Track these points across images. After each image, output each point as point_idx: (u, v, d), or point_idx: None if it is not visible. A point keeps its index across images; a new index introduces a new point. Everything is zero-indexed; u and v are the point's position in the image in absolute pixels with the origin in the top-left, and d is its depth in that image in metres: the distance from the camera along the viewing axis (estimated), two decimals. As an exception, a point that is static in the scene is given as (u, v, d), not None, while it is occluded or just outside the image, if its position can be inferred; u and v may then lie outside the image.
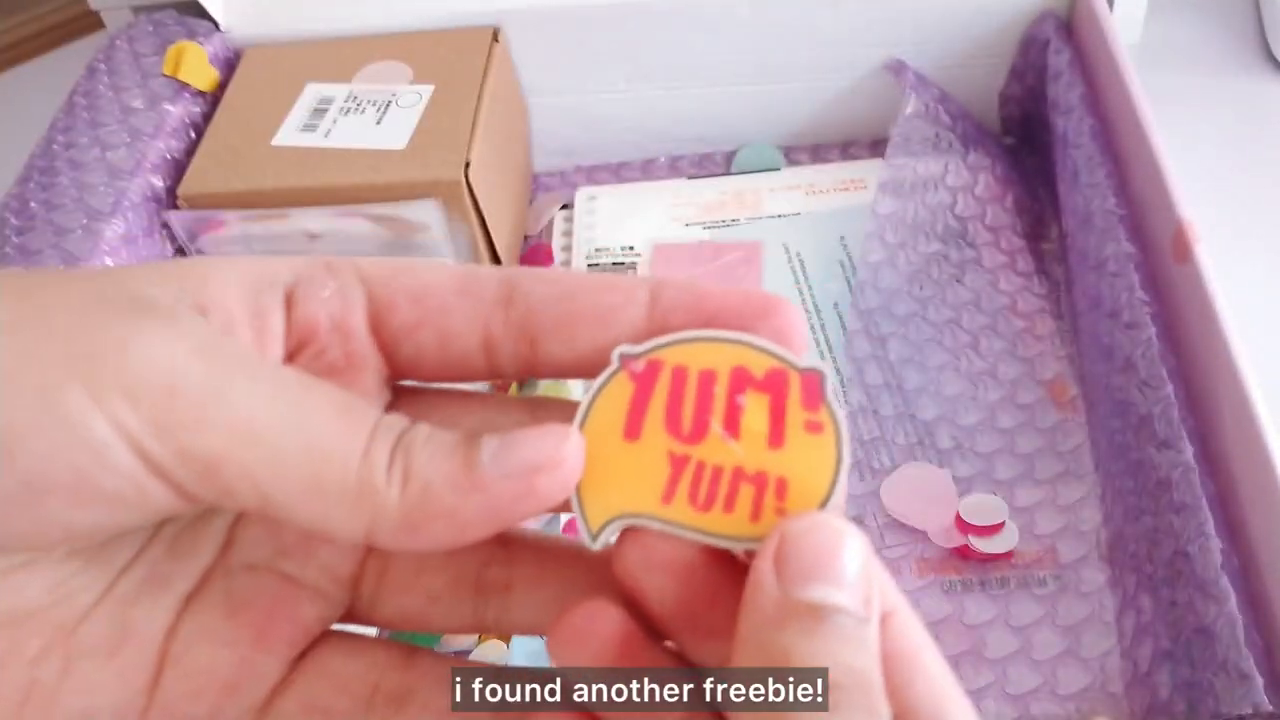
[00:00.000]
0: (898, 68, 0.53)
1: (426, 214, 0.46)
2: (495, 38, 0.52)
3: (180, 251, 0.49)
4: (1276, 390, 0.35)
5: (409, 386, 0.21)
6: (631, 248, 0.52)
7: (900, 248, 0.50)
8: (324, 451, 0.16)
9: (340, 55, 0.52)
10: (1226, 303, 0.37)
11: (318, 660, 0.19)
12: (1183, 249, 0.39)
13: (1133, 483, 0.38)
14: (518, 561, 0.20)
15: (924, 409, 0.45)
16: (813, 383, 0.19)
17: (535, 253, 0.54)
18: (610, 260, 0.52)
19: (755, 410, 0.18)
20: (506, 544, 0.20)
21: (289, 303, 0.19)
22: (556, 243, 0.54)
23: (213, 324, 0.17)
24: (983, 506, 0.42)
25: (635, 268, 0.51)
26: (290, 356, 0.19)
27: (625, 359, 0.19)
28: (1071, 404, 0.45)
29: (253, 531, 0.19)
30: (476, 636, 0.40)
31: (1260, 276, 0.48)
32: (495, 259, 0.50)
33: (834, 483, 0.18)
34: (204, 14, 0.54)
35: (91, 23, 0.66)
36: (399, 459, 0.17)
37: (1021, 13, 0.52)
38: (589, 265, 0.52)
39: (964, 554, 0.41)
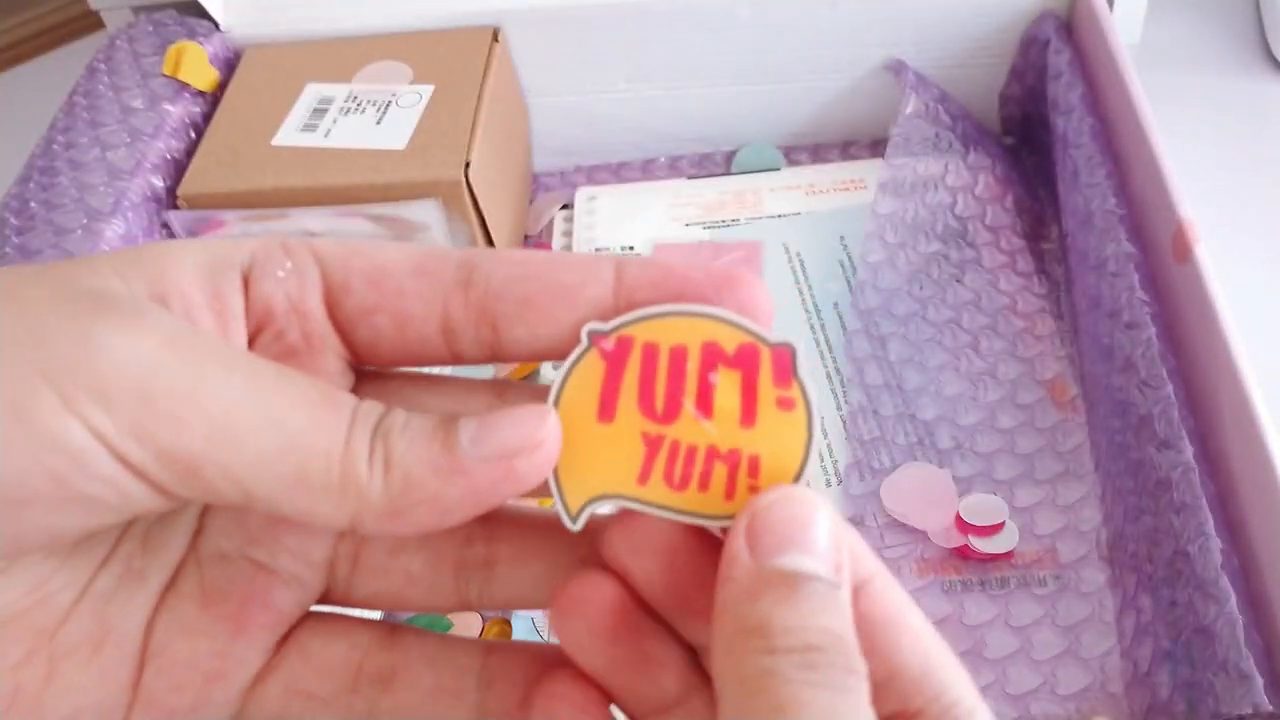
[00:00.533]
0: (898, 68, 0.53)
1: (426, 214, 0.46)
2: (495, 38, 0.52)
3: (180, 251, 0.49)
4: (1276, 390, 0.35)
5: (371, 371, 0.20)
6: (631, 248, 0.52)
7: (900, 248, 0.50)
8: (305, 446, 0.16)
9: (340, 55, 0.52)
10: (1226, 303, 0.37)
11: (298, 644, 0.19)
12: (1183, 249, 0.39)
13: (1133, 483, 0.38)
14: (499, 538, 0.20)
15: (924, 409, 0.45)
16: (784, 358, 0.19)
17: (535, 253, 0.54)
18: (610, 260, 0.52)
19: (727, 388, 0.19)
20: (487, 520, 0.20)
21: (246, 284, 0.18)
22: (556, 243, 0.54)
23: (175, 312, 0.17)
24: (983, 506, 0.42)
25: (635, 268, 0.51)
26: (251, 339, 0.19)
27: (595, 336, 0.19)
28: (1071, 404, 0.45)
29: (220, 520, 0.19)
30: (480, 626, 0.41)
31: (1260, 276, 0.48)
32: (495, 259, 0.50)
33: (805, 459, 0.18)
34: (204, 14, 0.54)
35: (91, 23, 0.66)
36: (379, 447, 0.17)
37: (1021, 13, 0.52)
38: (589, 265, 0.52)
39: (964, 554, 0.41)
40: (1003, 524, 0.41)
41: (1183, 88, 0.56)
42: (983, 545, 0.41)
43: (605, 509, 0.19)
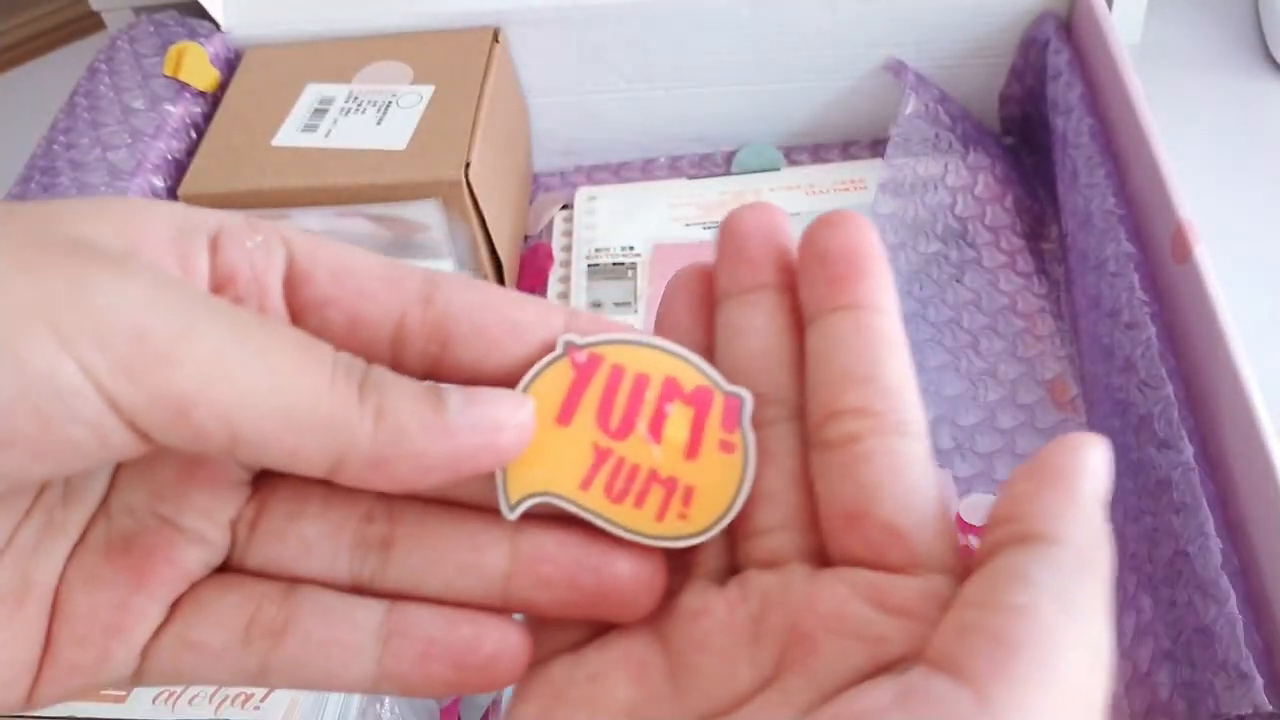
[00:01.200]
0: (898, 68, 0.53)
1: (426, 214, 0.46)
2: (495, 38, 0.52)
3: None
4: (1276, 390, 0.35)
5: None
6: (631, 248, 0.52)
7: (900, 248, 0.50)
8: (293, 384, 0.16)
9: (340, 55, 0.52)
10: (1226, 303, 0.37)
11: (194, 598, 0.19)
12: (1182, 249, 0.39)
13: (1132, 483, 0.38)
14: (400, 520, 0.20)
15: (924, 409, 0.45)
16: (733, 406, 0.20)
17: (535, 253, 0.54)
18: (610, 260, 0.52)
19: (678, 421, 0.20)
20: (391, 501, 0.20)
21: (213, 249, 0.19)
22: (556, 243, 0.54)
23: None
24: (983, 507, 0.42)
25: (635, 268, 0.51)
26: None
27: (570, 347, 0.20)
28: (1072, 404, 0.45)
29: (130, 474, 0.19)
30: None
31: (1260, 276, 0.48)
32: (495, 259, 0.50)
33: (734, 499, 0.20)
34: (205, 14, 0.54)
35: (92, 23, 0.66)
36: (372, 395, 0.17)
37: (1021, 13, 0.52)
38: (589, 265, 0.52)
39: (965, 554, 0.41)
40: None
41: (1182, 88, 0.56)
42: None
43: (540, 503, 0.20)
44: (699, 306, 0.22)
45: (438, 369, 0.19)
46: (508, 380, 0.20)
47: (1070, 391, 0.45)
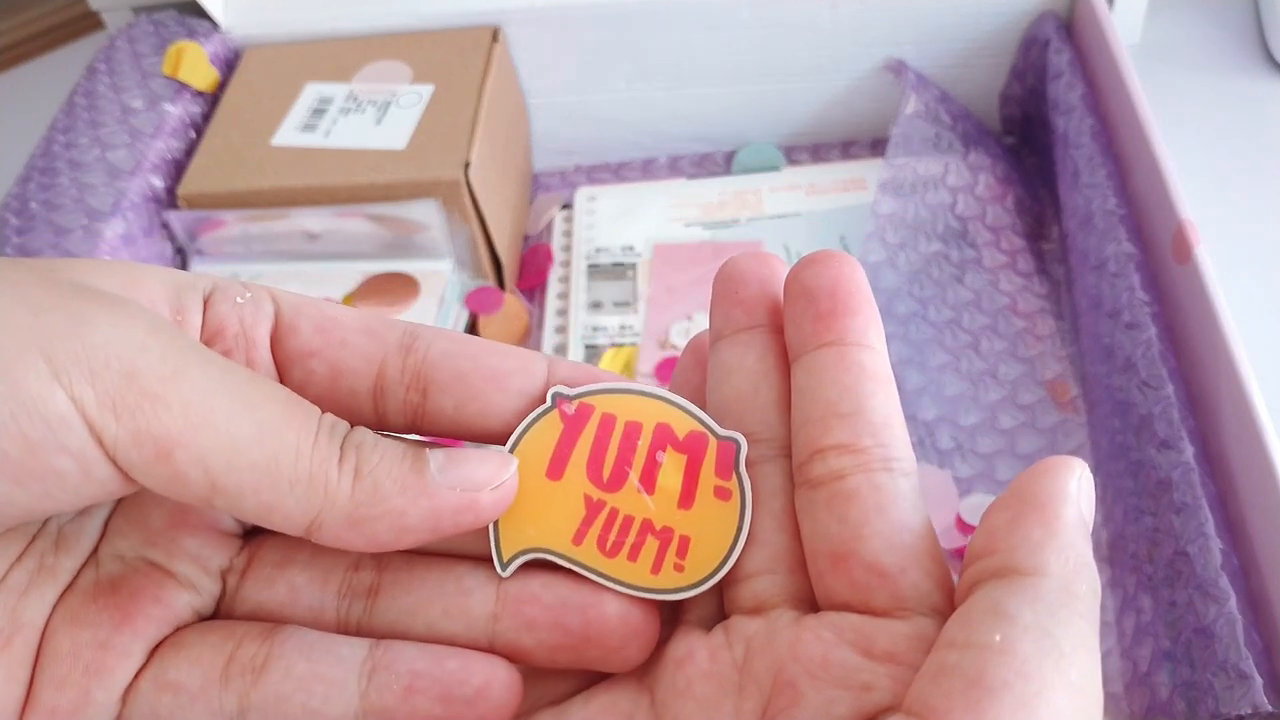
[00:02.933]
0: (898, 67, 0.53)
1: (426, 214, 0.46)
2: (495, 38, 0.52)
3: (180, 251, 0.49)
4: (1276, 391, 0.35)
5: None
6: (632, 248, 0.52)
7: (900, 248, 0.50)
8: (277, 438, 0.17)
9: (340, 55, 0.52)
10: (1227, 304, 0.37)
11: (175, 640, 0.19)
12: (1183, 249, 0.39)
13: (1133, 483, 0.38)
14: (387, 566, 0.20)
15: (924, 409, 0.45)
16: (728, 451, 0.20)
17: (535, 253, 0.54)
18: (610, 260, 0.52)
19: (671, 469, 0.20)
20: (378, 554, 0.20)
21: (205, 306, 0.19)
22: (556, 243, 0.54)
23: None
24: (983, 508, 0.42)
25: (635, 268, 0.51)
26: None
27: (559, 399, 0.20)
28: (1072, 404, 0.45)
29: (121, 522, 0.19)
30: None
31: (1260, 277, 0.48)
32: (495, 259, 0.50)
33: (731, 549, 0.19)
34: (204, 14, 0.54)
35: (91, 23, 0.66)
36: (350, 456, 0.17)
37: (1022, 13, 0.52)
38: (589, 265, 0.52)
39: (961, 555, 0.41)
40: None
41: (1183, 88, 0.56)
42: None
43: (534, 559, 0.20)
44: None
45: (420, 418, 0.20)
46: (490, 427, 0.20)
47: (1070, 391, 0.45)
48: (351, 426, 0.18)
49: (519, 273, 0.53)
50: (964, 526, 0.41)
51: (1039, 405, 0.45)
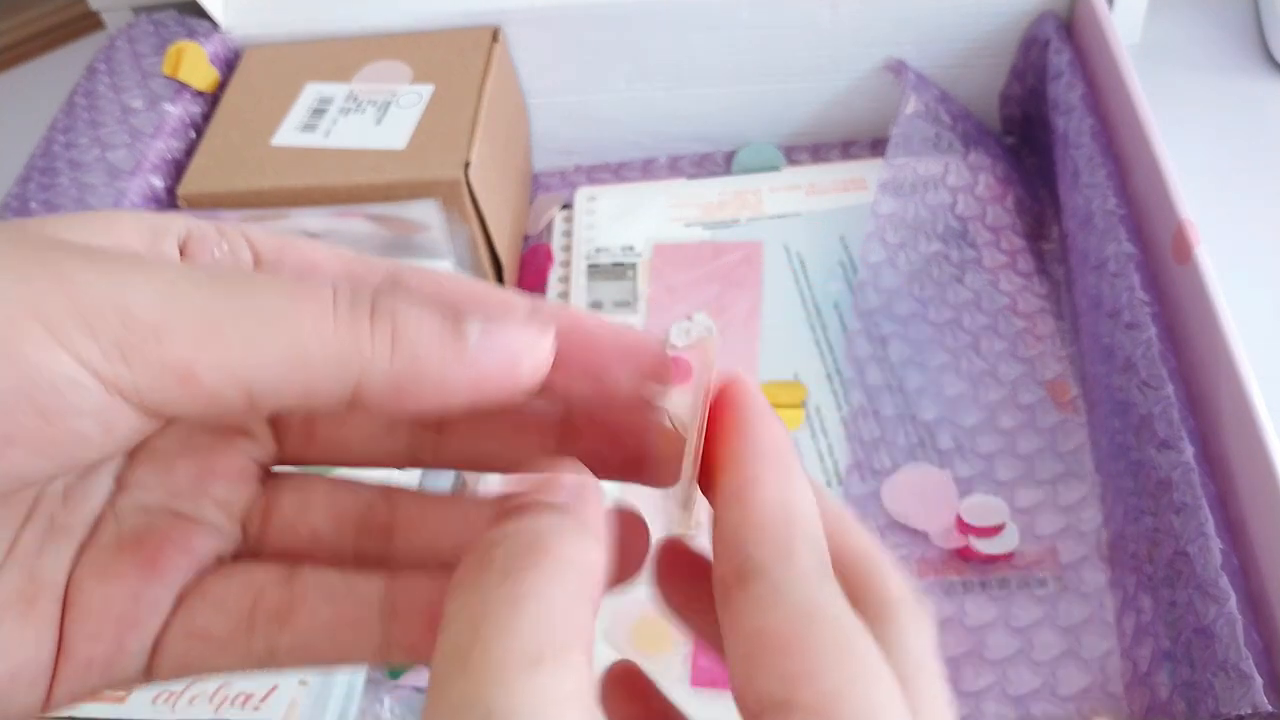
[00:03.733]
0: (898, 67, 0.53)
1: (426, 214, 0.46)
2: (495, 38, 0.52)
3: (180, 251, 0.49)
4: (1277, 391, 0.35)
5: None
6: (632, 248, 0.52)
7: (900, 248, 0.50)
8: (292, 324, 0.16)
9: (340, 55, 0.52)
10: (1227, 304, 0.37)
11: (200, 586, 0.19)
12: (1183, 250, 0.39)
13: (1133, 483, 0.38)
14: (399, 504, 0.20)
15: (925, 410, 0.45)
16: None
17: (535, 253, 0.54)
18: (610, 260, 0.52)
19: None
20: (389, 494, 0.21)
21: (182, 253, 0.19)
22: (556, 242, 0.54)
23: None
24: (983, 508, 0.42)
25: (635, 268, 0.51)
26: None
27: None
28: (1072, 404, 0.45)
29: (144, 474, 0.19)
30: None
31: (1260, 277, 0.48)
32: (495, 259, 0.50)
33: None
34: (204, 14, 0.54)
35: (91, 23, 0.66)
36: (385, 321, 0.17)
37: (1022, 13, 0.52)
38: (589, 265, 0.52)
39: (965, 555, 0.41)
40: (1003, 525, 0.41)
41: (1183, 88, 0.56)
42: (983, 546, 0.41)
43: None
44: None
45: None
46: None
47: (1070, 391, 0.45)
48: (379, 290, 0.17)
49: (519, 273, 0.53)
50: (964, 527, 0.41)
51: (1039, 405, 0.45)
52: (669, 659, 0.40)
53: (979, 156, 0.52)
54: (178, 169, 0.49)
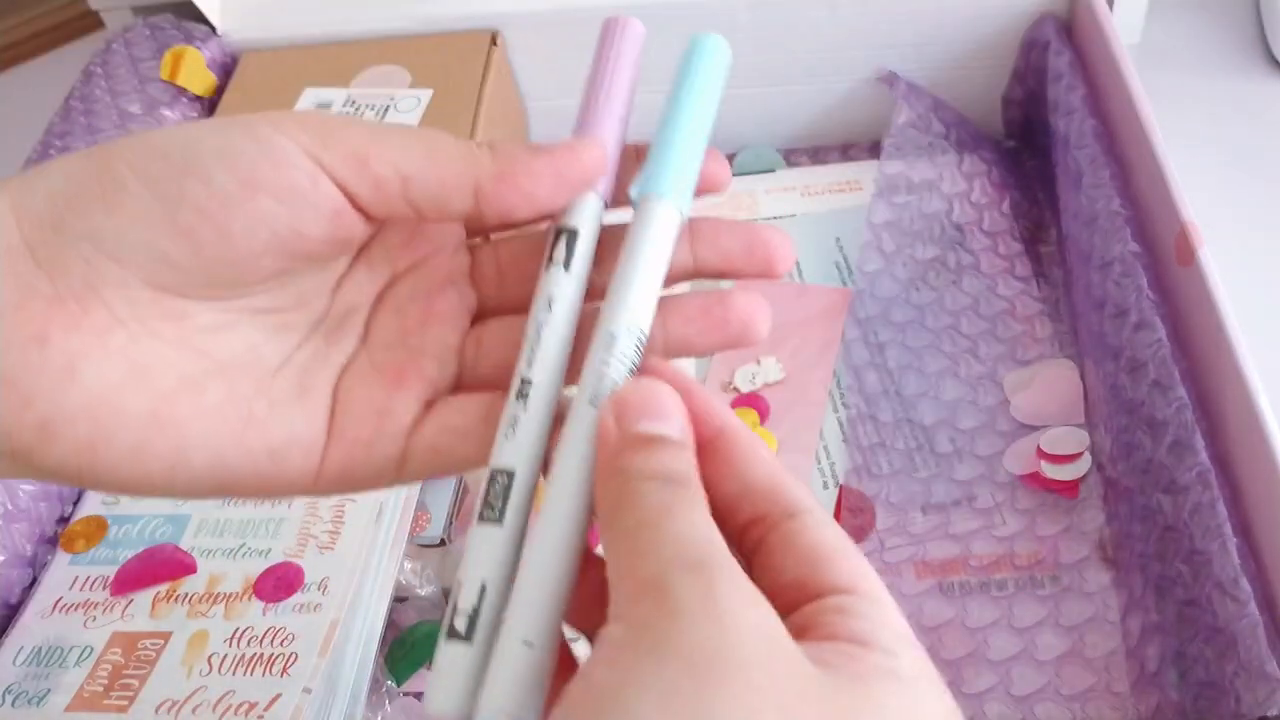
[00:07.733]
0: (890, 79, 0.53)
1: (426, 218, 0.46)
2: (494, 42, 0.52)
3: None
4: (1280, 391, 0.35)
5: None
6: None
7: (897, 254, 0.50)
8: (432, 136, 0.23)
9: (338, 60, 0.52)
10: (1231, 306, 0.37)
11: (442, 402, 0.24)
12: (1186, 251, 0.39)
13: (1141, 482, 0.38)
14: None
15: (923, 414, 0.45)
16: None
17: (535, 256, 0.54)
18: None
19: None
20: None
21: None
22: (556, 246, 0.54)
23: None
24: (1065, 439, 0.43)
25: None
26: None
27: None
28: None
29: (383, 318, 0.25)
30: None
31: (1261, 277, 0.48)
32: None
33: None
34: (201, 18, 0.53)
35: (91, 23, 0.65)
36: (485, 145, 0.23)
37: (1021, 15, 0.52)
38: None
39: (1031, 481, 0.42)
40: (1081, 454, 0.42)
41: (1183, 88, 0.56)
42: (1053, 472, 0.42)
43: None
44: None
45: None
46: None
47: (1072, 394, 0.45)
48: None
49: (519, 276, 0.53)
50: (1040, 453, 0.42)
51: (1040, 407, 0.45)
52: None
53: (974, 162, 0.52)
54: (176, 174, 0.49)
